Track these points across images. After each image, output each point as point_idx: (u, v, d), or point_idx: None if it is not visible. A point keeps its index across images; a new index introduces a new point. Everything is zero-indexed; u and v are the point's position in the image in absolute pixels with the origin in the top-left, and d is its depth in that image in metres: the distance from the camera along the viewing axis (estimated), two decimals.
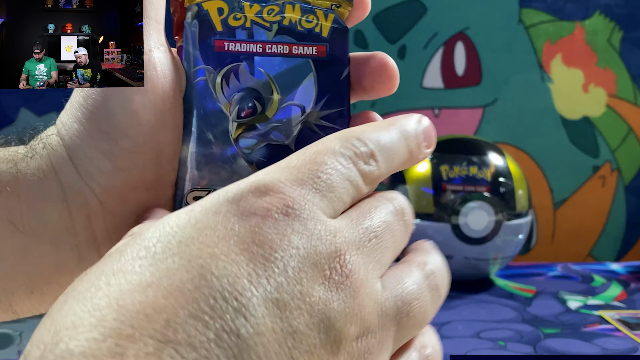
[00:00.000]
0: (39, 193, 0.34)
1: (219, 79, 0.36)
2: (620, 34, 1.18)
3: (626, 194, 1.21)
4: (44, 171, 0.34)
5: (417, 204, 0.93)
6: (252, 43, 0.36)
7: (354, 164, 0.29)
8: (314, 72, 0.36)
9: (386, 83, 0.37)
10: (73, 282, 0.26)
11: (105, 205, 0.35)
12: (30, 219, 0.34)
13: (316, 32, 0.37)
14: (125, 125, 0.34)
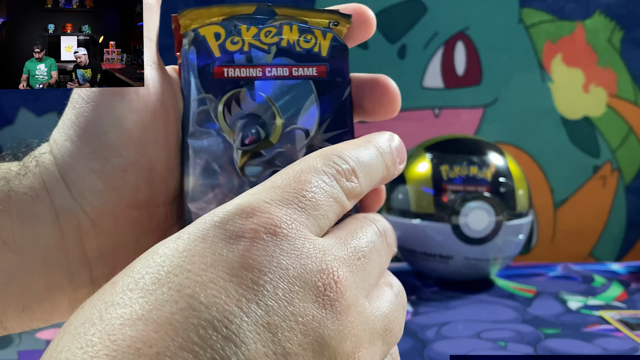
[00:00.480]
0: (30, 212, 0.34)
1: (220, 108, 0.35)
2: (621, 33, 1.18)
3: (627, 194, 1.21)
4: (36, 190, 0.34)
5: (417, 204, 0.93)
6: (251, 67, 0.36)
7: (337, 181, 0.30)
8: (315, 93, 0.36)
9: (387, 106, 0.37)
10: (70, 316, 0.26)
11: (97, 225, 0.35)
12: (21, 237, 0.34)
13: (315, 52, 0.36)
14: (117, 143, 0.34)
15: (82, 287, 0.35)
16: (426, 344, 0.73)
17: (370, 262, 0.29)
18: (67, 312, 0.36)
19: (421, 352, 0.71)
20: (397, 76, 0.38)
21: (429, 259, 0.94)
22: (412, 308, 0.87)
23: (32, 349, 0.72)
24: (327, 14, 0.37)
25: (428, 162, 0.94)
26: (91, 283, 0.35)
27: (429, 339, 0.75)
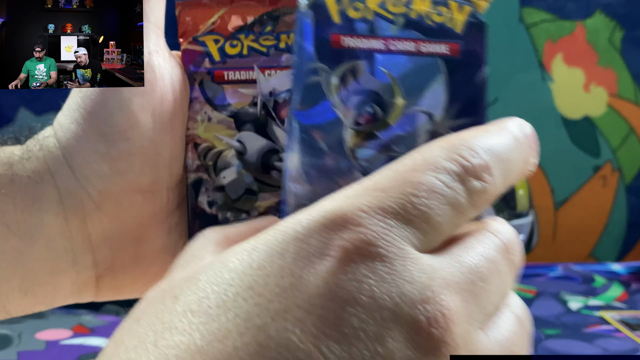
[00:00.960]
0: (34, 196, 0.34)
1: (334, 80, 0.32)
2: (621, 33, 1.18)
3: (627, 194, 1.21)
4: (39, 174, 0.34)
5: None
6: (373, 38, 0.32)
7: (461, 182, 0.24)
8: (446, 73, 0.32)
9: None
10: (122, 323, 0.24)
11: (101, 209, 0.34)
12: (25, 221, 0.34)
13: (448, 27, 0.32)
14: (123, 127, 0.33)
15: (85, 271, 0.35)
16: None
17: (490, 285, 0.24)
18: (69, 296, 0.36)
19: None
20: None
21: None
22: None
23: (31, 349, 0.72)
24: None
25: None
26: (94, 266, 0.35)
27: None
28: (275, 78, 0.37)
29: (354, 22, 0.32)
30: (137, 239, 0.36)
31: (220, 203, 0.36)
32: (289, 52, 0.37)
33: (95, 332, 0.77)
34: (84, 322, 0.81)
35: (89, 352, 0.71)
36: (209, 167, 0.37)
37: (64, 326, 0.79)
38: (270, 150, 0.37)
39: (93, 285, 0.36)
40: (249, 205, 0.36)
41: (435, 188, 0.23)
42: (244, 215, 0.36)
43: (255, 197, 0.37)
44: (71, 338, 0.76)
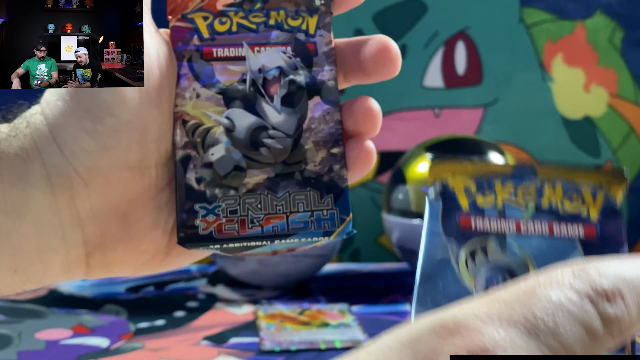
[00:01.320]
0: (21, 173, 0.34)
1: (463, 256, 0.32)
2: (622, 33, 1.18)
3: (627, 193, 1.21)
4: (27, 151, 0.34)
5: (418, 204, 0.93)
6: (503, 220, 0.33)
7: (591, 302, 0.21)
8: (582, 254, 0.32)
9: (390, 66, 0.37)
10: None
11: (89, 185, 0.34)
12: (12, 199, 0.34)
13: (582, 214, 0.32)
14: (110, 103, 0.34)
15: (75, 249, 0.35)
16: None
17: None
18: (59, 274, 0.36)
19: None
20: (398, 76, 0.38)
21: None
22: None
23: (31, 349, 0.72)
24: (598, 174, 0.33)
25: (428, 162, 0.94)
26: (84, 244, 0.35)
27: None
28: (265, 55, 0.37)
29: (483, 210, 0.33)
30: (126, 216, 0.36)
31: (208, 179, 0.36)
32: (279, 29, 0.37)
33: (95, 332, 0.77)
34: (83, 322, 0.81)
35: (89, 351, 0.71)
36: (197, 143, 0.37)
37: (63, 326, 0.79)
38: (259, 127, 0.37)
39: (83, 263, 0.36)
40: (237, 182, 0.36)
41: (563, 304, 0.21)
42: (232, 192, 0.36)
43: (243, 173, 0.37)
44: (71, 338, 0.76)
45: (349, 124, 0.38)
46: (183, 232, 0.36)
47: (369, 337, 0.75)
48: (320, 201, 0.37)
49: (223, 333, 0.78)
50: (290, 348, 0.72)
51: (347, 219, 0.37)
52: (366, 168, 0.38)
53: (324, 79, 0.38)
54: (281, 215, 0.36)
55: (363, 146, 0.38)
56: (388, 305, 0.88)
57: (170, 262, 0.39)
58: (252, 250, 0.36)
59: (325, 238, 0.36)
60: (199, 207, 0.36)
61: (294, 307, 0.86)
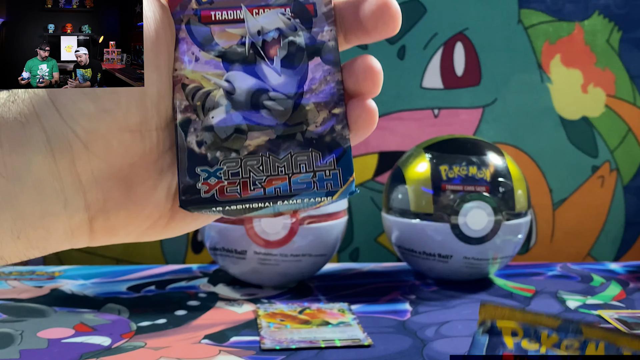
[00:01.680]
0: (21, 138, 0.34)
1: None
2: (619, 34, 1.18)
3: (625, 193, 1.21)
4: (25, 115, 0.34)
5: (417, 204, 0.94)
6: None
7: None
8: None
9: (389, 23, 0.37)
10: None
11: (90, 149, 0.34)
12: (12, 164, 0.34)
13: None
14: None
15: (77, 213, 0.35)
16: (425, 343, 0.74)
17: None
18: (63, 240, 0.36)
19: (420, 351, 0.71)
20: (397, 77, 0.38)
21: (428, 259, 0.94)
22: (411, 307, 0.87)
23: (33, 347, 0.73)
24: None
25: (427, 162, 0.95)
26: (86, 209, 0.35)
27: (429, 338, 0.75)
28: (263, 16, 0.37)
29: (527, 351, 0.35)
30: (128, 180, 0.36)
31: (209, 142, 0.36)
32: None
33: (97, 330, 0.78)
34: (85, 321, 0.81)
35: (91, 350, 0.72)
36: (197, 107, 0.36)
37: (65, 325, 0.80)
38: (259, 89, 0.37)
39: (86, 228, 0.36)
40: (238, 144, 0.36)
41: None
42: (233, 154, 0.36)
43: (244, 136, 0.36)
44: (73, 336, 0.76)
45: (350, 84, 0.37)
46: (185, 195, 0.36)
47: (369, 335, 0.75)
48: (323, 161, 0.37)
49: (224, 332, 0.78)
50: (291, 346, 0.72)
51: (350, 178, 0.36)
52: (368, 128, 0.38)
53: (324, 39, 0.37)
54: (283, 176, 0.36)
55: (365, 105, 0.37)
56: (387, 304, 0.88)
57: (174, 227, 0.39)
58: (254, 212, 0.36)
59: (328, 198, 0.36)
60: (201, 170, 0.36)
61: (294, 306, 0.86)
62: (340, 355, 0.70)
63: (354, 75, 0.37)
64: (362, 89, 0.37)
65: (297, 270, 0.93)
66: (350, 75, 0.37)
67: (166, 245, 1.18)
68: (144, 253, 1.17)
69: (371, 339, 0.74)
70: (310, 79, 0.37)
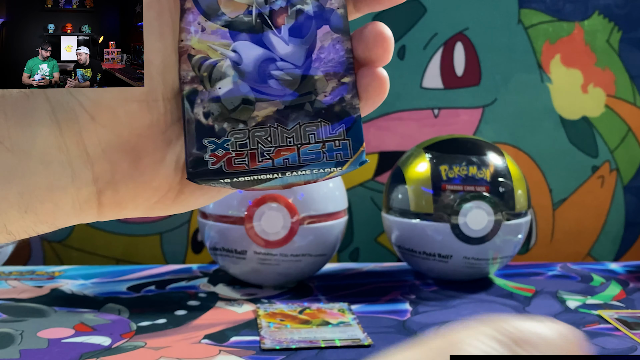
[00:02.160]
0: (25, 110, 0.33)
1: None
2: (619, 34, 1.18)
3: (625, 193, 1.21)
4: None
5: (417, 204, 0.94)
6: None
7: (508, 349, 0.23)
8: None
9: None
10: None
11: (96, 119, 0.34)
12: (17, 136, 0.33)
13: None
14: None
15: (85, 186, 0.35)
16: None
17: None
18: (71, 214, 0.35)
19: None
20: (397, 77, 0.38)
21: (428, 259, 0.94)
22: (411, 307, 0.87)
23: (33, 347, 0.73)
24: None
25: (427, 162, 0.95)
26: (94, 181, 0.35)
27: None
28: None
29: None
30: (136, 151, 0.35)
31: (216, 114, 0.36)
32: None
33: (97, 330, 0.78)
34: (85, 321, 0.81)
35: (91, 350, 0.72)
36: (204, 78, 0.36)
37: (65, 325, 0.80)
38: (267, 59, 0.36)
39: (95, 202, 0.36)
40: (245, 115, 0.36)
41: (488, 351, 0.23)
42: (240, 125, 0.36)
43: (252, 106, 0.36)
44: (73, 336, 0.76)
45: (360, 51, 0.36)
46: (192, 167, 0.35)
47: (369, 335, 0.75)
48: (332, 131, 0.36)
49: (224, 332, 0.78)
50: (291, 346, 0.72)
51: (361, 148, 0.36)
52: (379, 97, 0.37)
53: (333, 7, 0.37)
54: (292, 147, 0.36)
55: (375, 73, 0.36)
56: (387, 304, 0.88)
57: (183, 201, 0.38)
58: (263, 184, 0.36)
59: (338, 168, 0.36)
60: (208, 141, 0.35)
61: (294, 306, 0.86)
62: (340, 355, 0.70)
63: (364, 42, 0.36)
64: (372, 57, 0.36)
65: (297, 270, 0.93)
66: (360, 42, 0.36)
67: (166, 245, 1.18)
68: (144, 253, 1.17)
69: (371, 339, 0.74)
70: (319, 48, 0.36)
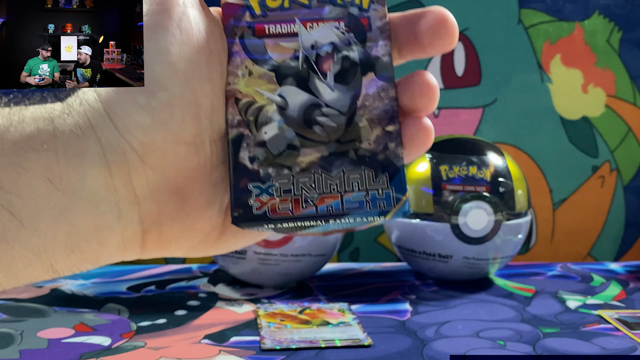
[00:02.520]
0: (76, 150, 0.33)
1: None
2: (620, 34, 1.18)
3: (625, 193, 1.21)
4: (81, 128, 0.34)
5: (417, 204, 0.94)
6: None
7: None
8: None
9: (446, 39, 0.36)
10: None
11: (145, 161, 0.34)
12: (67, 176, 0.33)
13: None
14: (162, 77, 0.33)
15: (131, 226, 0.35)
16: (425, 343, 0.74)
17: None
18: (116, 253, 0.35)
19: (420, 351, 0.71)
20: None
21: (428, 259, 0.94)
22: (411, 307, 0.87)
23: (33, 347, 0.73)
24: None
25: (427, 162, 0.95)
26: (140, 222, 0.35)
27: (429, 338, 0.75)
28: (317, 31, 0.37)
29: None
30: (182, 193, 0.36)
31: (261, 158, 0.36)
32: (331, 3, 0.37)
33: (97, 330, 0.78)
34: (85, 321, 0.81)
35: (91, 350, 0.72)
36: (250, 122, 0.36)
37: (65, 325, 0.80)
38: (312, 105, 0.36)
39: (139, 241, 0.36)
40: (290, 161, 0.36)
41: None
42: (285, 171, 0.36)
43: (297, 152, 0.36)
44: (73, 336, 0.76)
45: (405, 100, 0.37)
46: (237, 211, 0.35)
47: (369, 335, 0.75)
48: (375, 180, 0.36)
49: (224, 332, 0.78)
50: (291, 346, 0.72)
51: (403, 198, 0.36)
52: (424, 147, 0.37)
53: (378, 54, 0.37)
54: (335, 194, 0.36)
55: (421, 124, 0.37)
56: (387, 304, 0.88)
57: (224, 242, 0.38)
58: (305, 230, 0.36)
59: (381, 218, 0.36)
60: (253, 186, 0.36)
61: (294, 306, 0.86)
62: (340, 355, 0.70)
63: (410, 91, 0.37)
64: (418, 106, 0.37)
65: (297, 270, 0.93)
66: (406, 91, 0.37)
67: None
68: None
69: (371, 339, 0.74)
70: (364, 95, 0.37)
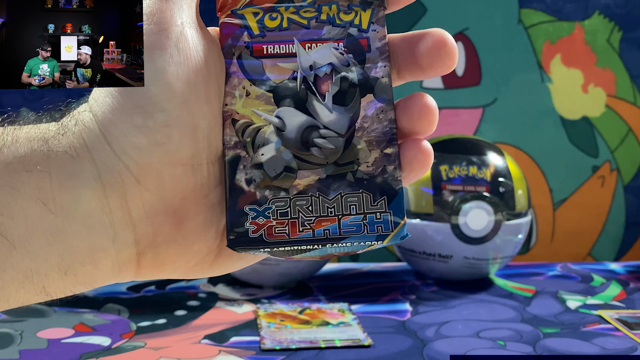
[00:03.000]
0: (71, 172, 0.33)
1: None
2: (620, 34, 1.18)
3: (625, 193, 1.21)
4: (76, 149, 0.33)
5: (417, 204, 0.94)
6: None
7: None
8: None
9: (446, 61, 0.36)
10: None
11: (141, 182, 0.34)
12: (61, 198, 0.33)
13: None
14: (159, 98, 0.33)
15: (126, 249, 0.34)
16: (426, 343, 0.74)
17: None
18: (110, 275, 0.35)
19: (420, 351, 0.71)
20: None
21: (428, 259, 0.94)
22: (411, 307, 0.87)
23: (33, 348, 0.73)
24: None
25: None
26: (135, 244, 0.35)
27: (429, 338, 0.75)
28: (316, 51, 0.36)
29: None
30: (178, 214, 0.35)
31: (258, 181, 0.35)
32: (330, 24, 0.37)
33: (97, 330, 0.78)
34: (85, 321, 0.81)
35: (91, 350, 0.72)
36: (247, 143, 0.36)
37: (65, 325, 0.80)
38: (310, 127, 0.36)
39: (134, 263, 0.35)
40: (287, 183, 0.35)
41: None
42: (282, 193, 0.35)
43: (294, 174, 0.36)
44: (73, 337, 0.76)
45: (404, 122, 0.36)
46: (233, 234, 0.35)
47: (369, 335, 0.75)
48: (373, 203, 0.35)
49: (224, 332, 0.78)
50: (291, 347, 0.72)
51: (402, 222, 0.35)
52: (423, 170, 0.36)
53: (377, 75, 0.36)
54: (333, 217, 0.35)
55: (419, 146, 0.36)
56: (387, 304, 0.88)
57: (220, 264, 0.38)
58: (302, 254, 0.35)
59: (378, 242, 0.35)
60: (249, 208, 0.35)
61: (294, 306, 0.86)
62: (340, 355, 0.70)
63: (409, 113, 0.36)
64: (417, 128, 0.36)
65: (297, 270, 0.93)
66: (405, 113, 0.36)
67: None
68: None
69: (371, 339, 0.74)
70: (363, 117, 0.36)
